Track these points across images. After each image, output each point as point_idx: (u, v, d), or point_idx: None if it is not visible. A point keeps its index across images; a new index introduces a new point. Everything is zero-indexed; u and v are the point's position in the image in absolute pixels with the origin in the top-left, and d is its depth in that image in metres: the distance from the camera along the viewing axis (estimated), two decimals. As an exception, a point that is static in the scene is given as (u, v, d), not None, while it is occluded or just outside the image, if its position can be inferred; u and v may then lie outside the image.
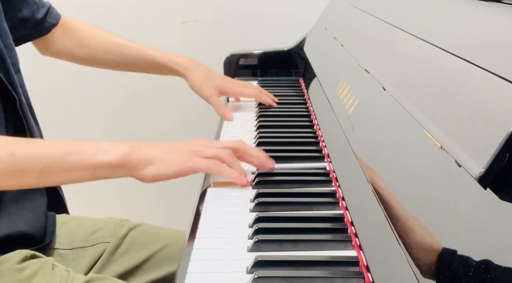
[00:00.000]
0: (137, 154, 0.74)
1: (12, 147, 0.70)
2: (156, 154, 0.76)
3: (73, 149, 0.72)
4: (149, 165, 0.75)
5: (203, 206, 0.76)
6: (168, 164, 0.76)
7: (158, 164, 0.75)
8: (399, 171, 0.61)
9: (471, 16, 0.66)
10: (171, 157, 0.76)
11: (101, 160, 0.72)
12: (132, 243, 0.98)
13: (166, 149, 0.78)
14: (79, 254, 0.94)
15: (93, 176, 0.74)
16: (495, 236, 0.39)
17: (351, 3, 1.24)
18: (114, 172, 0.74)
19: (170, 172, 0.76)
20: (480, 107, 0.49)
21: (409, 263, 0.48)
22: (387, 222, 0.56)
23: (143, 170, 0.75)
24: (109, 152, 0.73)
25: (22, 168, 0.70)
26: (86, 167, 0.72)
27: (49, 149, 0.72)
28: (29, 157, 0.70)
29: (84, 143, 0.74)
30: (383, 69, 0.81)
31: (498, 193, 0.41)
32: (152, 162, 0.75)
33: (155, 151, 0.76)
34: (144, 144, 0.77)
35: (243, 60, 1.49)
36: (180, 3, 1.77)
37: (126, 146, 0.75)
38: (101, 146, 0.74)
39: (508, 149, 0.42)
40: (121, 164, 0.73)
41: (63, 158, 0.71)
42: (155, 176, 0.76)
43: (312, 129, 1.04)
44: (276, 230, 0.67)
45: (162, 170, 0.75)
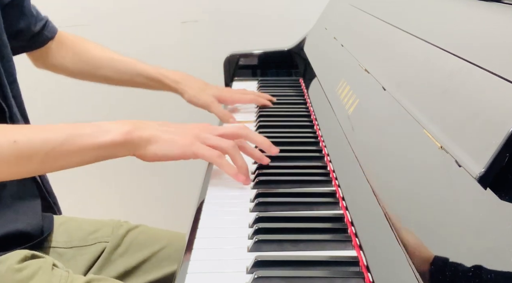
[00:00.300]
0: (139, 132, 0.74)
1: (14, 134, 0.70)
2: (160, 133, 0.75)
3: (75, 132, 0.72)
4: (152, 143, 0.74)
5: (203, 206, 0.76)
6: (172, 145, 0.75)
7: (161, 144, 0.75)
8: (399, 171, 0.61)
9: (471, 16, 0.66)
10: (175, 138, 0.76)
11: (103, 140, 0.72)
12: (131, 244, 0.98)
13: (171, 129, 0.77)
14: (77, 253, 0.94)
15: (97, 157, 0.74)
16: (495, 236, 0.39)
17: (351, 3, 1.24)
18: (117, 151, 0.74)
19: (172, 153, 0.75)
20: (480, 107, 0.49)
21: (409, 263, 0.48)
22: (387, 222, 0.56)
23: (145, 149, 0.74)
24: (110, 132, 0.73)
25: (25, 155, 0.70)
26: (89, 148, 0.72)
27: (50, 135, 0.71)
28: (31, 143, 0.70)
29: (85, 125, 0.74)
30: (383, 69, 0.81)
31: (498, 193, 0.41)
32: (155, 141, 0.75)
33: (159, 130, 0.76)
34: (148, 122, 0.77)
35: (243, 60, 1.49)
36: (180, 3, 1.77)
37: (128, 124, 0.75)
38: (103, 126, 0.74)
39: (508, 149, 0.42)
40: (124, 143, 0.73)
41: (65, 142, 0.71)
42: (158, 156, 0.75)
43: (312, 129, 1.04)
44: (276, 230, 0.67)
45: (165, 150, 0.75)
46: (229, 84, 1.47)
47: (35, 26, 1.05)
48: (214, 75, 1.57)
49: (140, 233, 1.00)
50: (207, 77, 1.73)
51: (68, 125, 0.74)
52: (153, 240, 0.99)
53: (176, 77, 1.16)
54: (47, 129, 0.73)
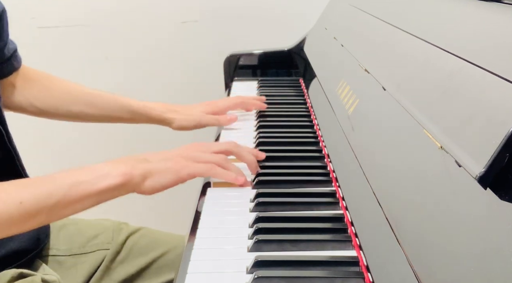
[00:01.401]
0: (135, 171, 0.74)
1: (19, 195, 0.70)
2: (152, 166, 0.76)
3: (75, 180, 0.72)
4: (148, 178, 0.75)
5: (203, 206, 0.76)
6: (166, 174, 0.76)
7: (156, 176, 0.75)
8: (399, 171, 0.61)
9: (471, 16, 0.66)
10: (167, 166, 0.76)
11: (104, 185, 0.72)
12: (132, 249, 0.97)
13: (162, 159, 0.78)
14: (77, 261, 0.93)
15: (98, 201, 0.74)
16: (495, 236, 0.39)
17: (351, 3, 1.24)
18: (118, 193, 0.74)
19: (168, 182, 0.76)
20: (480, 107, 0.49)
21: (409, 263, 0.48)
22: (387, 222, 0.56)
23: (143, 184, 0.75)
24: (108, 176, 0.73)
25: (32, 213, 0.70)
26: (91, 195, 0.72)
27: (53, 188, 0.71)
28: (36, 201, 0.70)
29: (82, 171, 0.74)
30: (383, 69, 0.81)
31: (498, 193, 0.41)
32: (150, 175, 0.75)
33: (151, 163, 0.77)
34: (139, 157, 0.77)
35: (243, 60, 1.49)
36: (180, 3, 1.77)
37: (121, 165, 0.74)
38: (99, 171, 0.73)
39: (508, 149, 0.42)
40: (122, 185, 0.73)
41: (68, 192, 0.71)
42: (155, 188, 0.76)
43: (312, 129, 1.04)
44: (276, 230, 0.67)
45: (161, 181, 0.76)
46: (229, 84, 1.47)
47: (7, 50, 0.97)
48: (214, 75, 1.57)
49: (141, 237, 0.99)
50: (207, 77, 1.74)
51: (66, 174, 0.74)
52: (154, 245, 0.98)
53: (161, 108, 1.11)
54: (48, 182, 0.73)
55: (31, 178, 0.82)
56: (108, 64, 1.79)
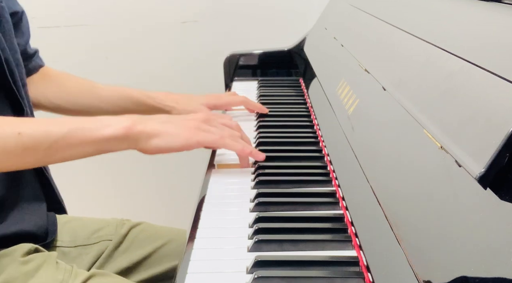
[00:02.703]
0: (140, 127, 0.76)
1: (19, 126, 0.72)
2: (161, 126, 0.77)
3: (77, 126, 0.74)
4: (154, 137, 0.76)
5: (203, 206, 0.76)
6: (175, 137, 0.77)
7: (164, 136, 0.77)
8: (399, 171, 0.61)
9: (471, 16, 0.66)
10: (177, 130, 0.78)
11: (104, 133, 0.74)
12: (133, 241, 1.00)
13: (172, 122, 0.79)
14: (82, 251, 0.95)
15: (98, 150, 0.76)
16: (495, 236, 0.39)
17: (351, 3, 1.24)
18: (118, 145, 0.76)
19: (176, 145, 0.77)
20: (480, 107, 0.49)
21: (409, 263, 0.48)
22: (387, 222, 0.56)
23: (146, 142, 0.76)
24: (111, 126, 0.75)
25: (29, 146, 0.72)
26: (90, 142, 0.74)
27: (53, 128, 0.74)
28: (35, 135, 0.72)
29: (87, 118, 0.76)
30: (383, 69, 0.81)
31: (498, 193, 0.41)
32: (158, 135, 0.76)
33: (161, 124, 0.78)
34: (149, 117, 0.79)
35: (243, 60, 1.49)
36: (180, 3, 1.77)
37: (129, 119, 0.76)
38: (104, 121, 0.76)
39: (508, 149, 0.42)
40: (125, 137, 0.75)
41: (67, 135, 0.73)
42: (160, 148, 0.77)
43: (312, 129, 1.04)
44: (276, 230, 0.67)
45: (168, 143, 0.77)
46: (229, 84, 1.47)
47: (29, 47, 1.04)
48: (214, 75, 1.57)
49: (142, 230, 1.01)
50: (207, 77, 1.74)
51: (71, 118, 0.77)
52: (154, 236, 1.00)
53: (160, 96, 1.14)
54: (50, 122, 0.75)
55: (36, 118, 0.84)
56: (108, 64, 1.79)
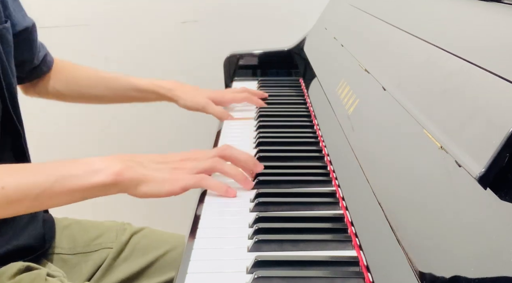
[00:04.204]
0: (129, 173, 0.72)
1: (2, 179, 0.69)
2: (148, 173, 0.74)
3: (64, 174, 0.71)
4: (142, 184, 0.73)
5: (203, 206, 0.76)
6: (161, 184, 0.74)
7: (151, 184, 0.74)
8: (399, 171, 0.61)
9: (471, 16, 0.66)
10: (164, 177, 0.75)
11: (92, 181, 0.71)
12: (134, 248, 0.98)
13: (159, 167, 0.76)
14: (81, 259, 0.93)
15: (86, 196, 0.73)
16: (495, 236, 0.39)
17: (351, 3, 1.24)
18: (107, 191, 0.73)
19: (162, 192, 0.75)
20: (480, 107, 0.49)
21: (409, 263, 0.48)
22: (387, 222, 0.56)
23: (135, 189, 0.73)
24: (100, 172, 0.71)
25: (14, 200, 0.69)
26: (78, 190, 0.71)
27: (39, 178, 0.70)
28: (20, 189, 0.69)
29: (74, 163, 0.73)
30: (383, 69, 0.81)
31: (498, 193, 0.41)
32: (145, 182, 0.74)
33: (148, 169, 0.75)
34: (136, 159, 0.75)
35: (243, 60, 1.49)
36: (180, 3, 1.77)
37: (117, 163, 0.73)
38: (92, 166, 0.72)
39: (508, 149, 0.42)
40: (113, 184, 0.72)
41: (55, 185, 0.70)
42: (148, 194, 0.75)
43: (312, 129, 1.04)
44: (276, 230, 0.67)
45: (155, 190, 0.74)
46: (229, 84, 1.47)
47: (37, 58, 1.05)
48: (214, 75, 1.57)
49: (143, 237, 1.00)
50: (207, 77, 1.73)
51: (57, 164, 0.72)
52: (156, 244, 0.99)
53: (169, 86, 1.17)
54: (35, 171, 0.72)
55: (20, 164, 0.81)
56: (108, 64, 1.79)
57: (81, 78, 1.16)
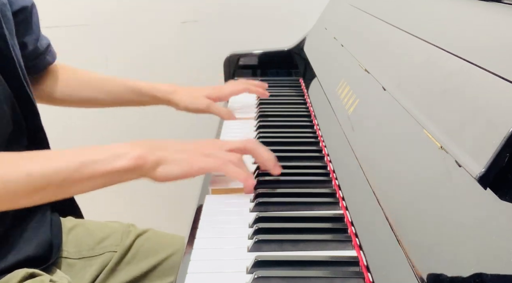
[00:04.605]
0: (149, 156, 0.74)
1: (27, 167, 0.70)
2: (168, 155, 0.76)
3: (86, 159, 0.72)
4: (161, 166, 0.75)
5: (203, 206, 0.76)
6: (179, 165, 0.76)
7: (170, 165, 0.75)
8: (399, 171, 0.61)
9: (471, 16, 0.66)
10: (182, 157, 0.76)
11: (116, 166, 0.72)
12: (138, 251, 0.97)
13: (178, 149, 0.78)
14: (86, 264, 0.93)
15: (109, 182, 0.74)
16: (495, 236, 0.39)
17: (351, 3, 1.24)
18: (129, 176, 0.74)
19: (180, 173, 0.76)
20: (480, 107, 0.49)
21: (409, 263, 0.48)
22: (387, 222, 0.56)
23: (155, 171, 0.75)
24: (122, 157, 0.73)
25: (39, 186, 0.70)
26: (101, 175, 0.72)
27: (63, 163, 0.71)
28: (45, 175, 0.70)
29: (97, 149, 0.74)
30: (383, 69, 0.81)
31: (498, 193, 0.41)
32: (165, 163, 0.75)
33: (167, 151, 0.76)
34: (156, 143, 0.77)
35: (243, 60, 1.49)
36: (180, 3, 1.77)
37: (139, 147, 0.74)
38: (114, 151, 0.73)
39: (508, 149, 0.42)
40: (135, 168, 0.73)
41: (78, 170, 0.71)
42: (167, 176, 0.76)
43: (312, 129, 1.04)
44: (276, 230, 0.67)
45: (173, 171, 0.75)
46: (229, 84, 1.47)
47: (40, 43, 1.02)
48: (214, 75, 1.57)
49: (147, 239, 0.99)
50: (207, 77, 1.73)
51: (80, 151, 0.74)
52: (159, 247, 0.98)
53: (167, 89, 1.14)
54: (59, 157, 0.73)
55: (44, 151, 0.82)
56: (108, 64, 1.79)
57: (74, 80, 1.12)
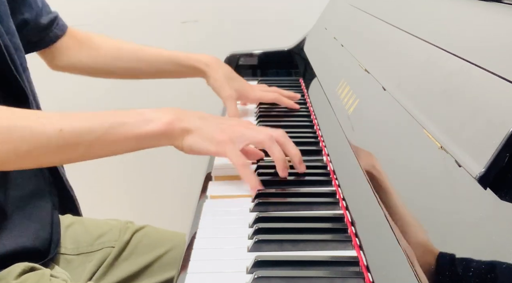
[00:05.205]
0: (180, 123, 0.75)
1: (59, 123, 0.71)
2: (199, 127, 0.76)
3: (118, 121, 0.73)
4: (190, 136, 0.75)
5: (203, 206, 0.76)
6: (208, 141, 0.76)
7: (199, 138, 0.76)
8: (399, 171, 0.61)
9: (471, 16, 0.66)
10: (213, 134, 0.76)
11: (145, 130, 0.73)
12: (136, 247, 0.97)
13: (211, 123, 0.78)
14: (85, 260, 0.93)
15: (139, 146, 0.75)
16: (495, 236, 0.39)
17: (351, 3, 1.24)
18: (159, 141, 0.75)
19: (207, 149, 0.76)
20: (480, 107, 0.49)
21: (409, 263, 0.48)
22: (387, 222, 0.56)
23: (183, 140, 0.76)
24: (153, 121, 0.74)
25: (71, 143, 0.71)
26: (132, 138, 0.73)
27: (95, 124, 0.73)
28: (77, 132, 0.71)
29: (128, 113, 0.75)
30: (383, 69, 0.81)
31: (498, 193, 0.41)
32: (194, 134, 0.76)
33: (200, 123, 0.77)
34: (189, 112, 0.77)
35: (243, 60, 1.49)
36: (180, 3, 1.77)
37: (169, 113, 0.75)
38: (145, 115, 0.74)
39: (508, 149, 0.42)
40: (165, 133, 0.74)
41: (109, 131, 0.72)
42: (193, 149, 0.76)
43: (312, 129, 1.04)
44: (276, 230, 0.67)
45: (201, 145, 0.76)
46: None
47: (41, 17, 1.01)
48: (214, 75, 1.57)
49: (145, 235, 0.99)
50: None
51: (111, 113, 0.75)
52: (157, 242, 0.99)
53: (206, 60, 1.13)
54: (90, 117, 0.74)
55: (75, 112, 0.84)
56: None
57: (106, 48, 1.11)
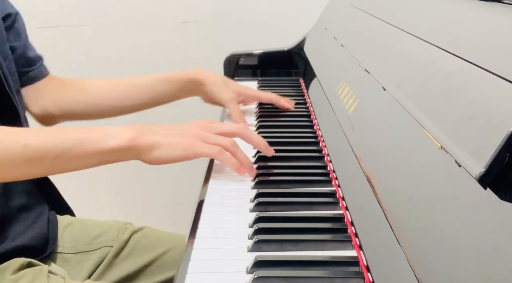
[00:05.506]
0: (143, 138, 0.76)
1: (24, 138, 0.72)
2: (161, 138, 0.78)
3: (82, 137, 0.74)
4: (156, 148, 0.77)
5: (203, 206, 0.76)
6: (174, 148, 0.77)
7: (164, 148, 0.77)
8: (399, 171, 0.61)
9: (471, 16, 0.66)
10: (177, 141, 0.78)
11: (110, 145, 0.74)
12: (135, 247, 0.98)
13: (172, 133, 0.79)
14: (83, 258, 0.94)
15: (103, 161, 0.76)
16: (495, 236, 0.39)
17: (351, 3, 1.24)
18: (123, 156, 0.76)
19: (175, 156, 0.78)
20: (480, 107, 0.49)
21: (409, 263, 0.48)
22: (387, 222, 0.56)
23: (149, 154, 0.77)
24: (116, 137, 0.75)
25: (34, 158, 0.72)
26: (95, 153, 0.74)
27: (59, 139, 0.74)
28: (40, 148, 0.72)
29: (91, 129, 0.76)
30: (383, 69, 0.81)
31: (498, 193, 0.41)
32: (159, 146, 0.77)
33: (161, 134, 0.78)
34: (149, 127, 0.79)
35: (243, 60, 1.49)
36: (180, 3, 1.77)
37: (132, 130, 0.76)
38: (108, 131, 0.76)
39: (508, 149, 0.42)
40: (128, 148, 0.75)
41: (73, 147, 0.73)
42: (162, 159, 0.78)
43: (312, 129, 1.04)
44: (276, 230, 0.67)
45: (168, 153, 0.77)
46: (229, 84, 1.47)
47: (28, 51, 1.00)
48: (214, 75, 1.57)
49: (143, 235, 1.00)
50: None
51: (76, 129, 0.76)
52: (156, 243, 0.99)
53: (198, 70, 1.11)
54: (55, 133, 0.76)
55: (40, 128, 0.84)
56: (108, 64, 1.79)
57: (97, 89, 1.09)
